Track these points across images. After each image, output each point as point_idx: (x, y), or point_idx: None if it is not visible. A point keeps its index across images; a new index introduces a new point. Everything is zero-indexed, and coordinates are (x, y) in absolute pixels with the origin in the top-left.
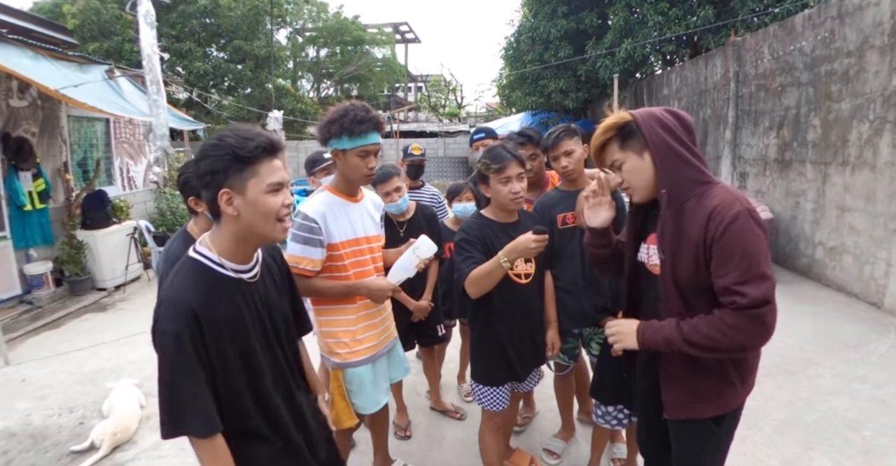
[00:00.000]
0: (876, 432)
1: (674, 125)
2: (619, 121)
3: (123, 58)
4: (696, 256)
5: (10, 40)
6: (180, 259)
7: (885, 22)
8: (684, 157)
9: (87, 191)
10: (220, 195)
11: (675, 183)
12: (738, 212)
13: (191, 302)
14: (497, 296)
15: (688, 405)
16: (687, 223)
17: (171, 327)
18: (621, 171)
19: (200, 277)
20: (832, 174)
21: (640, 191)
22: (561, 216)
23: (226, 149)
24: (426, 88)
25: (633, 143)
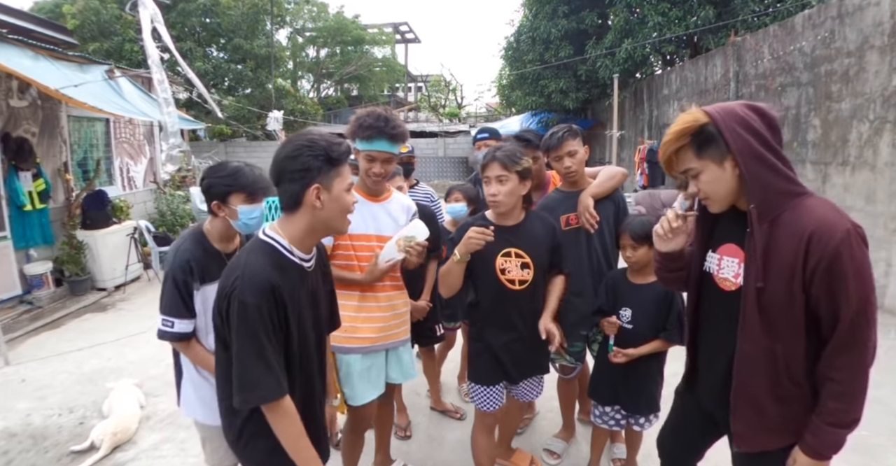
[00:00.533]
0: (875, 432)
1: (759, 125)
2: (694, 125)
3: (123, 58)
4: (789, 280)
5: (10, 40)
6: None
7: (885, 22)
8: (774, 165)
9: (87, 191)
10: (311, 189)
11: (765, 195)
12: (845, 234)
13: (271, 278)
14: (487, 301)
15: (760, 437)
16: (781, 242)
17: (252, 299)
18: (697, 180)
19: (275, 258)
20: (832, 174)
21: (720, 203)
22: (564, 217)
23: (321, 150)
24: (426, 88)
25: (712, 151)
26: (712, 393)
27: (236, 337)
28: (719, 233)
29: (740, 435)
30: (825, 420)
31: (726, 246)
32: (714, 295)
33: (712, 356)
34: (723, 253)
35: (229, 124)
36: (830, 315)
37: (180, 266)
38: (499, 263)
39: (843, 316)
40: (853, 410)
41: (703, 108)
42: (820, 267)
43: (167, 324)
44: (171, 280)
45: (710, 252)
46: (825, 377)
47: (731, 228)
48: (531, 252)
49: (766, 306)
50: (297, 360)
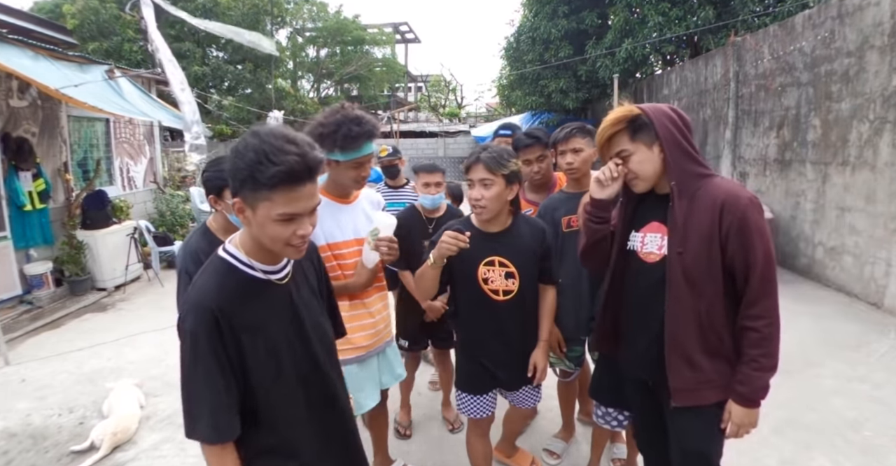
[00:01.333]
0: (876, 432)
1: (679, 122)
2: (629, 114)
3: (123, 58)
4: (708, 244)
5: (10, 40)
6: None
7: (885, 22)
8: (689, 153)
9: (87, 191)
10: (233, 201)
11: (683, 175)
12: (748, 200)
13: (211, 302)
14: (470, 312)
15: (697, 391)
16: (699, 213)
17: (189, 326)
18: (628, 162)
19: (227, 277)
20: (832, 174)
21: (645, 182)
22: (566, 219)
23: (246, 161)
24: (426, 88)
25: (643, 136)
26: (644, 358)
27: (180, 366)
28: (641, 215)
29: (677, 390)
30: (750, 366)
31: (650, 224)
32: (638, 270)
33: (641, 323)
34: (646, 230)
35: (229, 124)
36: (744, 267)
37: (191, 258)
38: (481, 272)
39: (754, 267)
40: (772, 353)
41: (636, 105)
42: (733, 227)
43: None
44: (185, 273)
45: (632, 232)
46: (744, 327)
47: (652, 209)
48: (517, 261)
49: (688, 269)
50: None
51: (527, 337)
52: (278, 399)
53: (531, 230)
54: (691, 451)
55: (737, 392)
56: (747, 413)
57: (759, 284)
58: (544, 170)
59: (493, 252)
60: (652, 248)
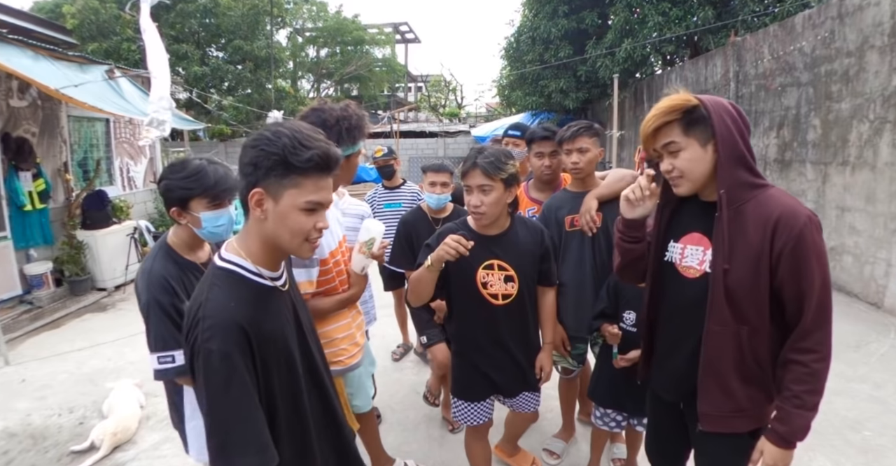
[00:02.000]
0: (876, 432)
1: (739, 121)
2: (686, 104)
3: (123, 58)
4: (756, 263)
5: (10, 40)
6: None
7: (885, 22)
8: (745, 159)
9: (87, 191)
10: (251, 193)
11: (735, 183)
12: (806, 219)
13: (237, 316)
14: (468, 317)
15: (728, 419)
16: (748, 228)
17: (218, 346)
18: (675, 158)
19: (241, 289)
20: (832, 174)
21: (690, 184)
22: (569, 218)
23: (279, 148)
24: (426, 88)
25: (697, 131)
26: (674, 379)
27: (206, 393)
28: (682, 224)
29: (707, 415)
30: (792, 403)
31: (690, 235)
32: (677, 284)
33: (676, 342)
34: (686, 242)
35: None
36: (796, 294)
37: (160, 288)
38: (480, 276)
39: (809, 295)
40: (818, 390)
41: (694, 95)
42: (787, 248)
43: (166, 361)
44: (157, 307)
45: (671, 242)
46: (790, 360)
47: (694, 218)
48: (515, 264)
49: (732, 289)
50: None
51: (525, 342)
52: (296, 411)
53: (529, 232)
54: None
55: (774, 431)
56: (783, 455)
57: (814, 315)
58: (555, 167)
59: (491, 255)
60: (692, 262)
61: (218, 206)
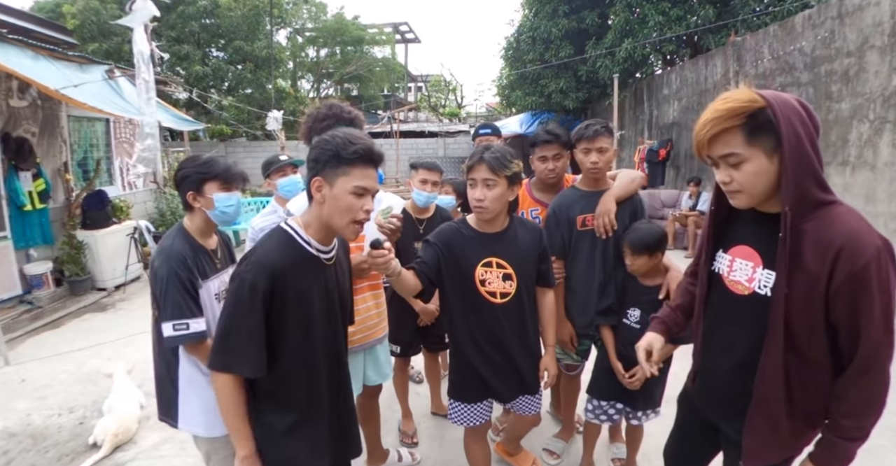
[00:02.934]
0: (876, 432)
1: (810, 125)
2: (752, 105)
3: (123, 58)
4: (810, 291)
5: (10, 40)
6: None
7: (885, 22)
8: (815, 170)
9: (87, 191)
10: (313, 181)
11: (801, 199)
12: (875, 251)
13: (275, 263)
14: (466, 315)
15: (771, 452)
16: (806, 251)
17: (250, 277)
18: (736, 170)
19: (287, 247)
20: (832, 174)
21: (750, 198)
22: (581, 217)
23: (333, 145)
24: (426, 88)
25: (763, 139)
26: (714, 399)
27: (226, 308)
28: (733, 233)
29: (752, 450)
30: (837, 434)
31: (740, 247)
32: (722, 298)
33: (716, 360)
34: (735, 254)
35: (229, 124)
36: (851, 334)
37: (179, 263)
38: (478, 274)
39: (864, 337)
40: (866, 426)
41: (758, 91)
42: (847, 281)
43: (181, 327)
44: (176, 279)
45: (720, 251)
46: (840, 394)
47: (746, 229)
48: (514, 262)
49: (788, 315)
50: (300, 350)
51: (525, 344)
52: (303, 370)
53: (528, 231)
54: None
55: (817, 457)
56: None
57: (867, 357)
58: (559, 170)
59: (490, 253)
60: (741, 278)
61: (228, 188)
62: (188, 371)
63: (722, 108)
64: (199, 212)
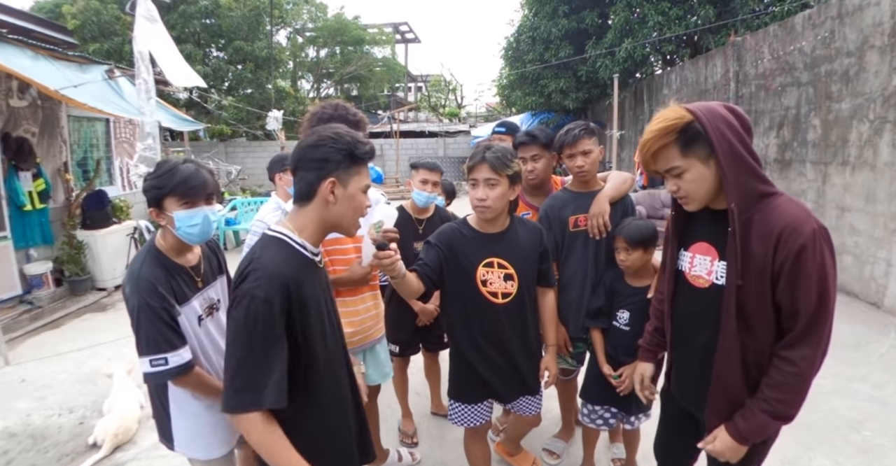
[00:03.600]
0: (876, 432)
1: (738, 126)
2: (679, 123)
3: (123, 58)
4: (760, 277)
5: (10, 40)
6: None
7: (885, 22)
8: (751, 167)
9: (87, 191)
10: (326, 182)
11: (742, 195)
12: (811, 233)
13: (285, 273)
14: (467, 315)
15: None
16: (753, 241)
17: (262, 293)
18: (680, 180)
19: (290, 253)
20: (832, 174)
21: (698, 203)
22: (573, 218)
23: (345, 145)
24: (426, 88)
25: (697, 149)
26: (687, 387)
27: (239, 334)
28: (691, 232)
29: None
30: (760, 406)
31: (698, 244)
32: (686, 293)
33: (686, 351)
34: (695, 251)
35: (229, 124)
36: (790, 309)
37: (149, 292)
38: (480, 274)
39: (801, 312)
40: (792, 405)
41: (685, 106)
42: (787, 262)
43: (159, 363)
44: (147, 309)
45: (682, 250)
46: (773, 364)
47: (702, 227)
48: (515, 262)
49: (742, 302)
50: (321, 360)
51: (525, 345)
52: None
53: (528, 232)
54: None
55: (734, 424)
56: (734, 448)
57: (802, 331)
58: (539, 171)
59: (491, 253)
60: (700, 272)
61: (190, 205)
62: (179, 397)
63: (655, 129)
64: (167, 230)
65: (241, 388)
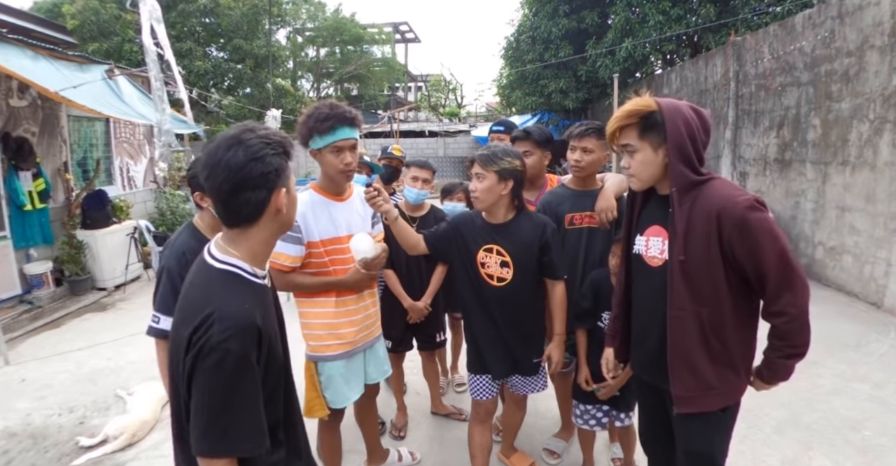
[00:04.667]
0: (876, 432)
1: (696, 125)
2: (644, 109)
3: (123, 58)
4: (706, 251)
5: (9, 40)
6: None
7: (885, 22)
8: (690, 158)
9: (87, 190)
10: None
11: (681, 181)
12: (746, 203)
13: (254, 319)
14: (469, 292)
15: (699, 398)
16: (696, 219)
17: (236, 346)
18: (632, 158)
19: (247, 290)
20: (832, 174)
21: (643, 182)
22: (569, 216)
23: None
24: (426, 88)
25: (652, 135)
26: (650, 361)
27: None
28: (644, 218)
29: (680, 397)
30: (775, 355)
31: (652, 227)
32: (644, 273)
33: (646, 327)
34: (649, 234)
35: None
36: (757, 272)
37: (176, 258)
38: (480, 257)
39: (769, 269)
40: (800, 344)
41: (655, 99)
42: (734, 233)
43: (154, 320)
44: (167, 272)
45: (637, 236)
46: (769, 321)
47: (654, 212)
48: (512, 251)
49: (689, 275)
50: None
51: (519, 329)
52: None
53: (532, 225)
54: (696, 453)
55: (762, 374)
56: (769, 387)
57: (777, 283)
58: (529, 166)
59: (492, 240)
60: (655, 252)
61: None
62: None
63: (625, 109)
64: (207, 211)
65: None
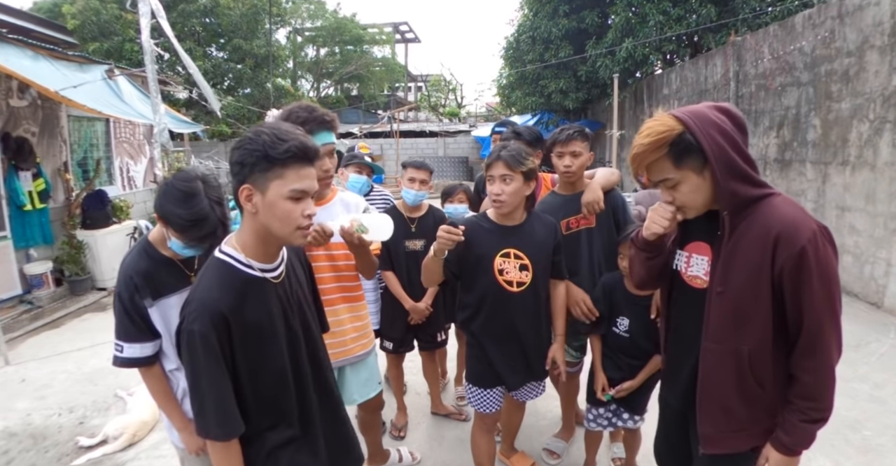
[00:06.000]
0: (876, 432)
1: (731, 129)
2: (670, 135)
3: (124, 58)
4: (756, 280)
5: (9, 40)
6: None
7: (885, 22)
8: (744, 173)
9: (87, 190)
10: (241, 189)
11: (734, 200)
12: (811, 234)
13: (220, 303)
14: (484, 302)
15: (728, 439)
16: (747, 243)
17: (198, 327)
18: (675, 191)
19: (229, 278)
20: (832, 174)
21: (695, 211)
22: (564, 222)
23: (259, 145)
24: (426, 88)
25: (690, 160)
26: (680, 392)
27: (189, 368)
28: (687, 232)
29: (707, 437)
30: (796, 417)
31: (695, 244)
32: (683, 293)
33: (681, 354)
34: (691, 250)
35: (229, 124)
36: (796, 316)
37: (123, 283)
38: (497, 263)
39: (806, 318)
40: (823, 408)
41: (674, 114)
42: (787, 265)
43: (117, 349)
44: (118, 300)
45: (678, 250)
46: (793, 376)
47: (699, 227)
48: (530, 253)
49: (733, 306)
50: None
51: (537, 332)
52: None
53: (544, 225)
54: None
55: (779, 440)
56: (787, 462)
57: (811, 337)
58: None
59: (508, 244)
60: (698, 272)
61: None
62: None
63: (645, 143)
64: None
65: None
